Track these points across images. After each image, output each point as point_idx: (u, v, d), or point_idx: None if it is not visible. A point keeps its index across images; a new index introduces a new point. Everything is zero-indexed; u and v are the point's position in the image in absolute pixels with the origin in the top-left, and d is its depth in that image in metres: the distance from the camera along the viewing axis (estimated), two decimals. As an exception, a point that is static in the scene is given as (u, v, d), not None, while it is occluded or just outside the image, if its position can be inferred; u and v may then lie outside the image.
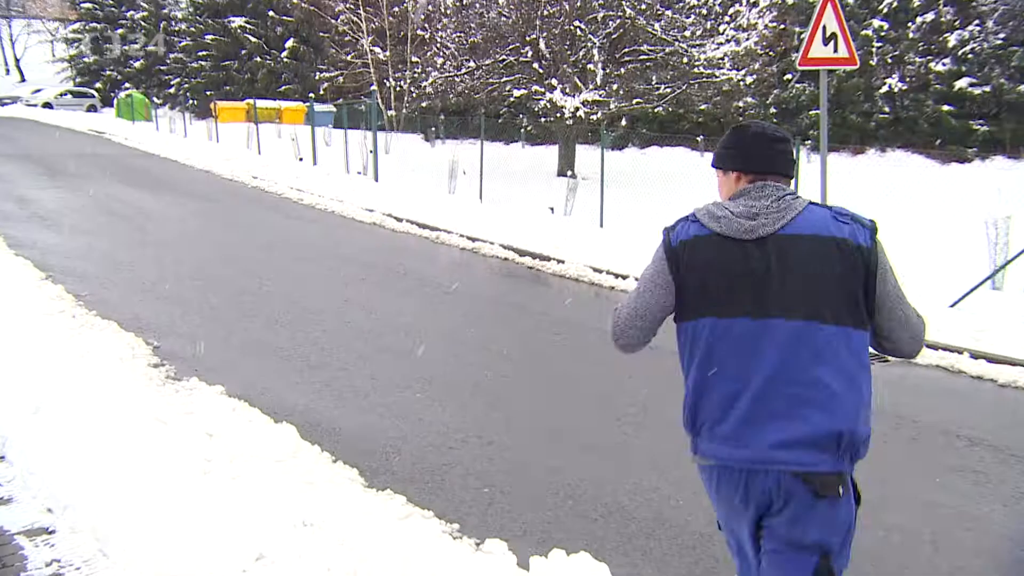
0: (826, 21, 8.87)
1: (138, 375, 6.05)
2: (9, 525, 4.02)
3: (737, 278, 2.45)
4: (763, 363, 2.41)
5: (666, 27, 23.71)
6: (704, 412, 2.52)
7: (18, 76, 69.28)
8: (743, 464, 2.42)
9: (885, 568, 4.00)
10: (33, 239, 11.21)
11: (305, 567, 3.38)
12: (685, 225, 2.58)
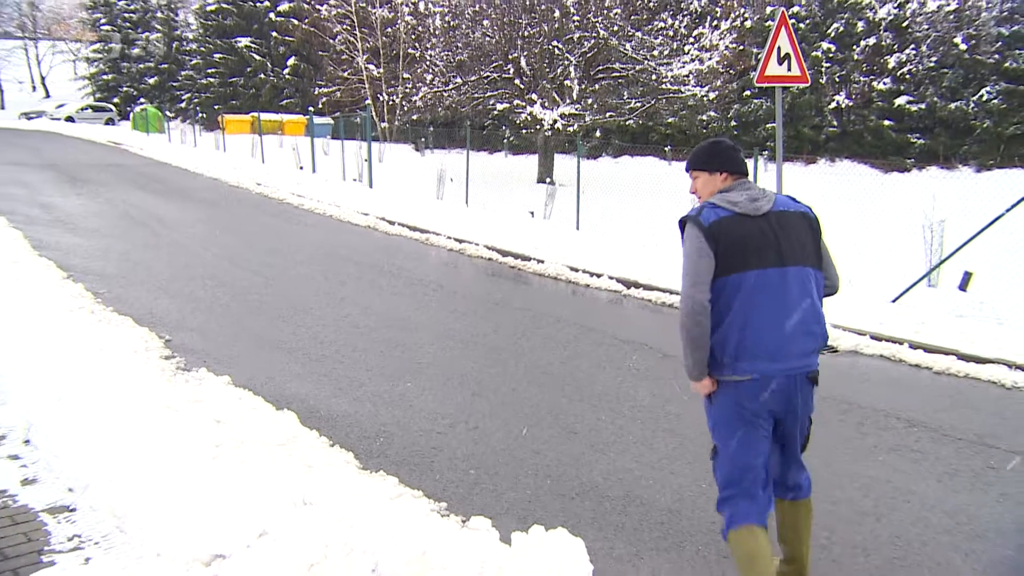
0: (780, 43, 8.91)
1: (151, 366, 6.01)
2: (34, 503, 4.00)
3: (760, 242, 3.16)
4: (787, 297, 3.15)
5: (636, 47, 23.77)
6: (747, 340, 3.12)
7: (43, 92, 68.73)
8: (779, 372, 3.14)
9: (835, 537, 4.03)
10: (56, 241, 11.11)
11: (305, 542, 3.36)
12: (707, 212, 3.21)
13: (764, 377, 3.13)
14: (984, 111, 28.08)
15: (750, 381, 3.14)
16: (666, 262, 10.44)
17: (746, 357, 3.12)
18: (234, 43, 49.78)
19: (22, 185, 17.58)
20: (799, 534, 3.42)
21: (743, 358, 3.13)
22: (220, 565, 3.37)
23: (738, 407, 3.18)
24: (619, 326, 8.34)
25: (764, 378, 3.13)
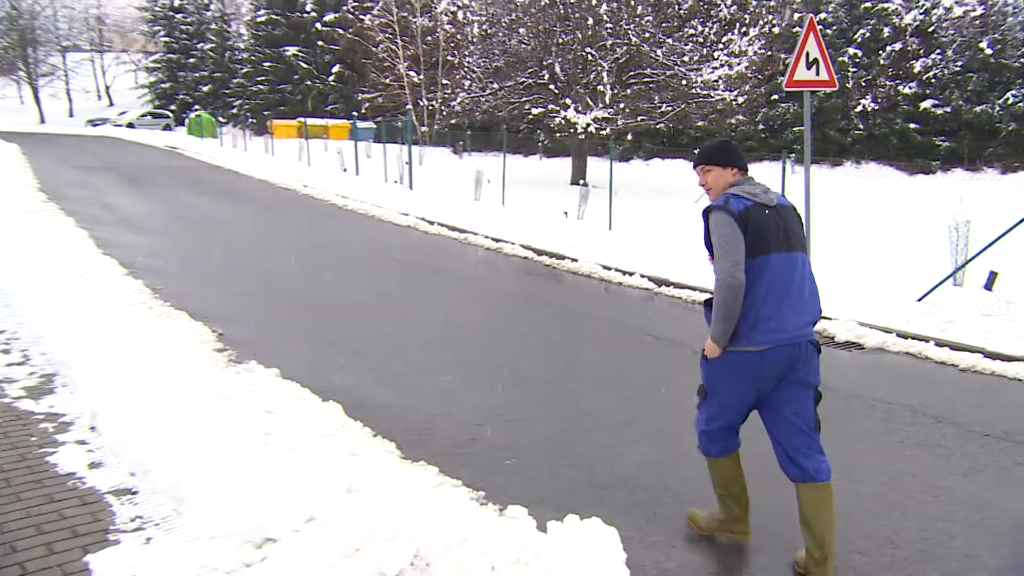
0: (809, 48, 8.79)
1: (205, 358, 6.06)
2: (100, 485, 4.06)
3: (775, 229, 3.46)
4: (794, 278, 3.46)
5: (667, 53, 23.63)
6: (764, 314, 3.40)
7: (107, 101, 70.00)
8: (787, 341, 3.43)
9: (862, 530, 3.97)
10: (117, 240, 11.28)
11: (350, 527, 3.37)
12: (733, 201, 3.48)
13: (776, 346, 3.43)
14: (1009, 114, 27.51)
15: (761, 351, 3.43)
16: (696, 261, 10.36)
17: (762, 329, 3.40)
18: (282, 52, 50.27)
19: (88, 188, 17.89)
20: (822, 517, 3.44)
21: (759, 330, 3.41)
22: (270, 548, 3.39)
23: (745, 371, 3.49)
24: (651, 323, 8.29)
25: (776, 347, 3.43)
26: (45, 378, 5.55)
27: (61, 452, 4.41)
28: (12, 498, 3.90)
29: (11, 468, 4.21)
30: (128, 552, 3.42)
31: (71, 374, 5.39)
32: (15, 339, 6.39)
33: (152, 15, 61.59)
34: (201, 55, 58.59)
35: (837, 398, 6.05)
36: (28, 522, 3.69)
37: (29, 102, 65.00)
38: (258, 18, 52.97)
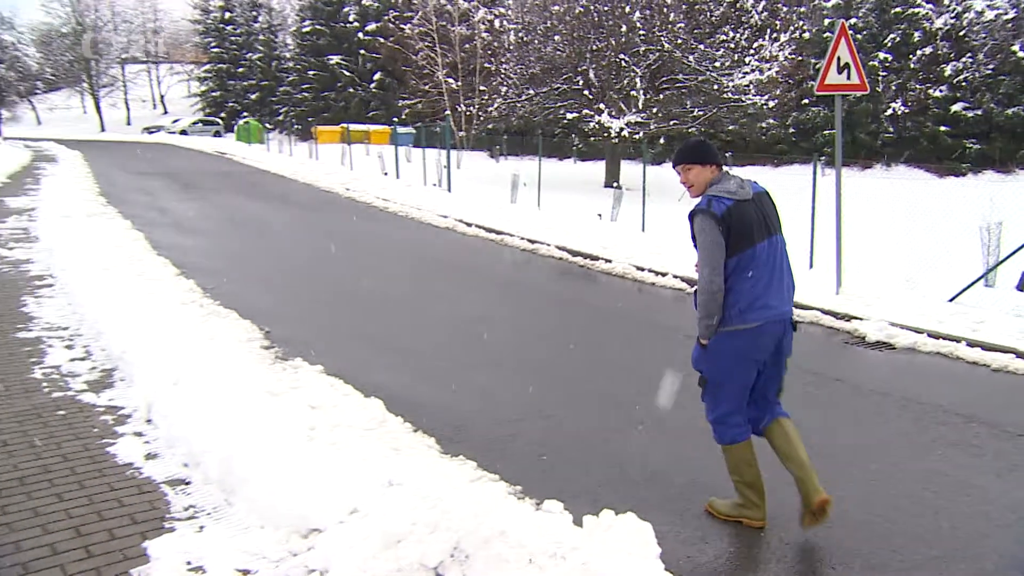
0: (840, 53, 8.66)
1: (253, 355, 6.13)
2: (156, 475, 4.14)
3: (757, 220, 3.66)
4: (776, 262, 3.71)
5: (699, 59, 23.45)
6: (755, 296, 3.63)
7: (162, 109, 71.27)
8: (775, 318, 3.68)
9: (895, 528, 3.90)
10: (171, 242, 11.47)
11: (392, 519, 3.39)
12: (715, 204, 3.63)
13: (766, 323, 3.67)
14: (1041, 116, 26.84)
15: (755, 328, 3.66)
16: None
17: (754, 309, 3.65)
18: (326, 61, 50.72)
19: (143, 192, 18.22)
20: (794, 445, 3.82)
21: (752, 310, 3.65)
22: (316, 538, 3.42)
23: (742, 348, 3.70)
24: (683, 322, 8.20)
25: (766, 323, 3.67)
26: (105, 373, 5.66)
27: (120, 443, 4.50)
28: (76, 486, 3.99)
29: (75, 457, 4.30)
30: (182, 539, 3.48)
31: (129, 369, 5.48)
32: (78, 335, 6.53)
33: (204, 27, 62.51)
34: (249, 65, 59.32)
35: (868, 397, 5.95)
36: (91, 508, 3.77)
37: (91, 111, 66.48)
38: (303, 28, 53.48)
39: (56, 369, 5.72)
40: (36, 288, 8.14)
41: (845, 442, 5.02)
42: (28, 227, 11.97)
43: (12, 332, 6.58)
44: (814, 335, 7.71)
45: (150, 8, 69.87)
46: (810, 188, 10.89)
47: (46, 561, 3.33)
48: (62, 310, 7.29)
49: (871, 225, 12.91)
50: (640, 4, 24.00)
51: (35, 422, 4.76)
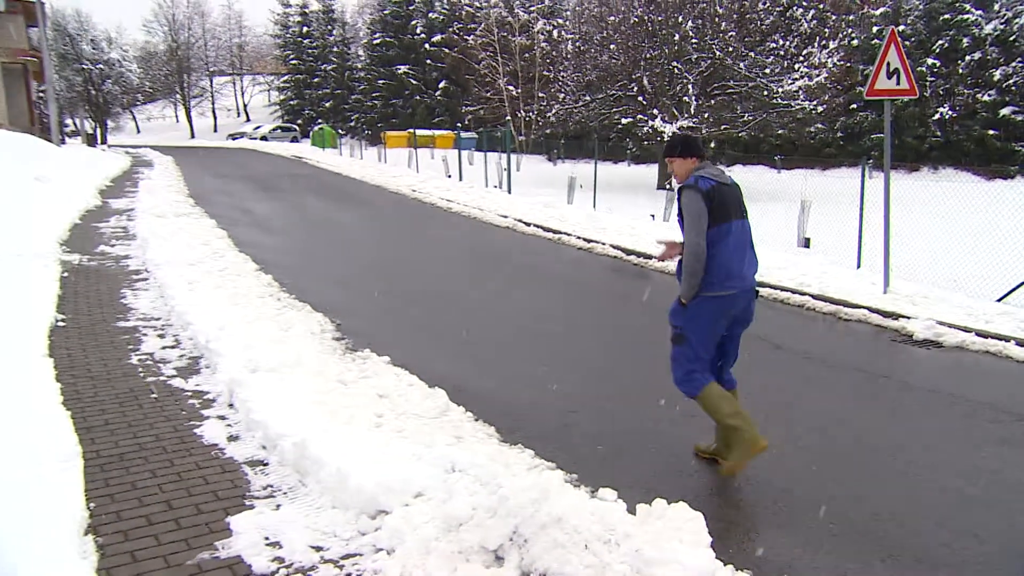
0: (890, 58, 8.37)
1: (326, 346, 6.22)
2: (237, 456, 4.22)
3: (733, 202, 4.12)
4: (747, 239, 4.17)
5: (750, 66, 23.00)
6: (729, 269, 4.04)
7: (245, 117, 72.97)
8: (744, 287, 4.12)
9: (945, 524, 3.75)
10: (251, 239, 11.70)
11: (455, 504, 3.39)
12: (702, 182, 4.07)
13: (739, 291, 4.10)
14: (1092, 119, 25.63)
15: (730, 295, 4.08)
16: (778, 261, 10.02)
17: (731, 277, 4.05)
18: (395, 70, 51.27)
19: (227, 193, 18.65)
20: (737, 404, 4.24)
21: (730, 278, 4.05)
22: (383, 519, 3.44)
23: (716, 313, 4.11)
24: (732, 319, 8.07)
25: (738, 291, 4.10)
26: (192, 360, 5.80)
27: (205, 425, 4.60)
28: (167, 463, 4.09)
29: (166, 438, 4.42)
30: (261, 516, 3.54)
31: (213, 357, 5.60)
32: (168, 325, 6.71)
33: (284, 41, 63.76)
34: (324, 75, 60.28)
35: (916, 394, 5.75)
36: (180, 484, 3.86)
37: (182, 120, 68.53)
38: (374, 41, 54.13)
39: (150, 356, 5.88)
40: (133, 281, 8.39)
41: (893, 438, 4.85)
42: (127, 226, 12.35)
43: (113, 321, 6.79)
44: (861, 333, 7.48)
45: (236, 25, 71.68)
46: (858, 191, 10.57)
47: (142, 531, 3.43)
48: (155, 302, 7.49)
49: (918, 227, 12.48)
50: (693, 14, 23.65)
51: (132, 404, 4.90)
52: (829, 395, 5.71)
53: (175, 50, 65.73)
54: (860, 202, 10.45)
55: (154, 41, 67.51)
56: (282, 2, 63.80)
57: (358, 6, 66.39)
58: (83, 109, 54.44)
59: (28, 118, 33.27)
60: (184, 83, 66.36)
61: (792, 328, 7.65)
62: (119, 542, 3.34)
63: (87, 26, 54.33)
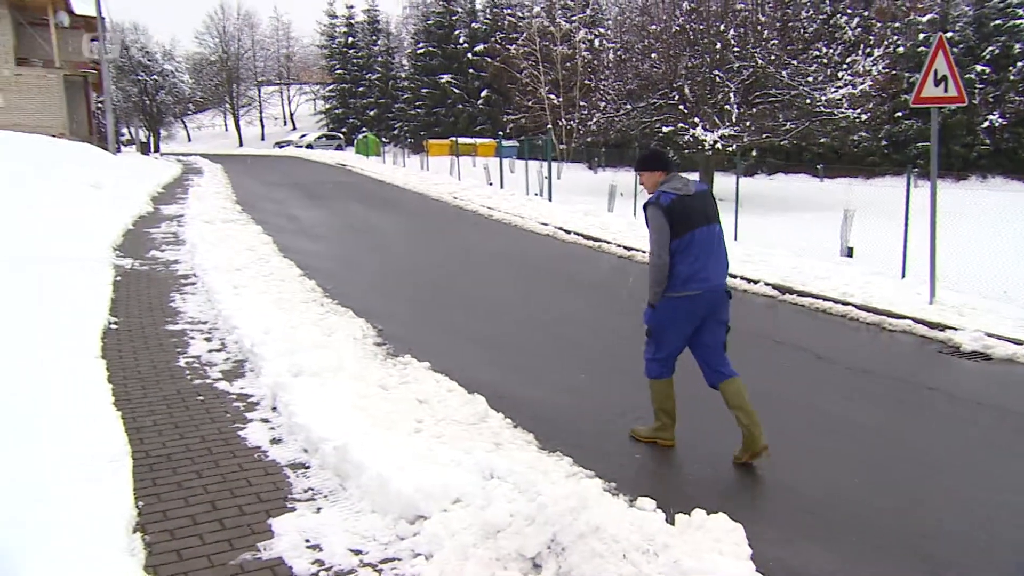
0: (937, 65, 8.19)
1: (367, 351, 6.25)
2: (279, 459, 4.26)
3: (697, 211, 4.40)
4: (713, 244, 4.43)
5: (792, 74, 22.67)
6: (695, 271, 4.35)
7: (291, 126, 74.12)
8: (711, 288, 4.40)
9: (995, 540, 3.63)
10: (296, 245, 11.85)
11: (493, 511, 3.38)
12: (663, 197, 4.40)
13: (703, 292, 4.37)
14: None
15: (694, 295, 4.38)
16: (820, 271, 9.84)
17: (694, 280, 4.36)
18: (438, 79, 51.61)
19: (273, 200, 18.95)
20: (742, 403, 4.40)
21: (693, 281, 4.36)
22: (421, 524, 3.45)
23: (682, 313, 4.43)
24: (774, 329, 7.94)
25: (703, 292, 4.37)
26: (237, 363, 5.89)
27: (249, 428, 4.66)
28: (212, 464, 4.15)
29: (211, 439, 4.49)
30: (302, 519, 3.57)
31: (257, 360, 5.67)
32: (215, 329, 6.82)
33: (330, 51, 64.67)
34: (369, 84, 60.96)
35: (964, 407, 5.59)
36: (224, 486, 3.92)
37: (231, 129, 69.94)
38: (418, 50, 54.62)
39: (197, 359, 5.99)
40: (182, 286, 8.55)
41: (940, 451, 4.72)
42: (177, 231, 12.61)
43: (162, 324, 6.93)
44: (906, 344, 7.30)
45: (284, 36, 72.93)
46: (903, 199, 10.34)
47: (187, 530, 3.48)
48: (202, 306, 7.63)
49: (966, 237, 12.16)
50: (735, 22, 23.43)
51: (179, 406, 4.99)
52: (872, 406, 5.58)
53: (225, 61, 67.16)
54: (905, 211, 10.23)
55: (205, 52, 69.08)
56: (329, 13, 64.78)
57: (402, 17, 67.18)
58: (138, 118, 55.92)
59: (87, 128, 34.28)
60: (233, 93, 67.75)
61: (835, 338, 7.50)
62: (165, 540, 3.40)
63: (144, 39, 55.89)
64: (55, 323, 6.29)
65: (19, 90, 30.49)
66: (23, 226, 9.95)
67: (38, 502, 3.39)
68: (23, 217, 10.49)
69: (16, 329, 5.86)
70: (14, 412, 4.27)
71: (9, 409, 4.31)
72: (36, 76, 30.73)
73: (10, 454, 3.77)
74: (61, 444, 4.01)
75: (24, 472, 3.63)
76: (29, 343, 5.60)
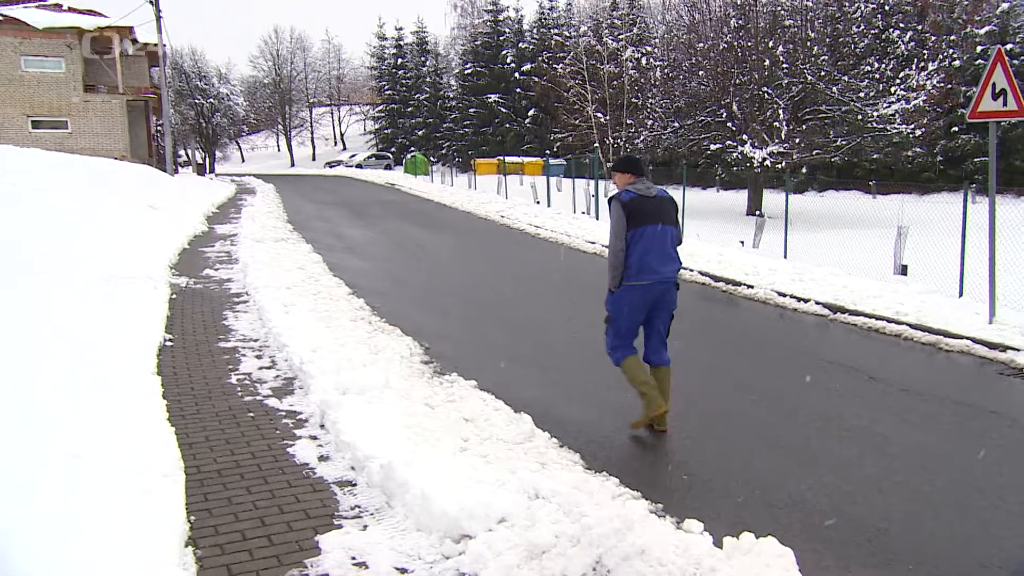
0: (996, 79, 7.98)
1: (414, 369, 6.29)
2: (327, 476, 4.31)
3: (651, 210, 5.06)
4: (664, 241, 5.07)
5: (843, 90, 22.32)
6: (644, 263, 5.00)
7: (342, 146, 75.56)
8: (661, 279, 5.06)
9: None
10: (345, 264, 12.03)
11: (538, 531, 3.36)
12: (624, 195, 5.11)
13: (652, 283, 5.04)
14: None
15: (645, 285, 5.04)
16: (872, 289, 9.61)
17: (645, 271, 5.02)
18: (486, 99, 52.10)
19: (323, 219, 19.29)
20: (664, 387, 5.18)
21: (643, 272, 5.02)
22: (467, 543, 3.45)
23: (635, 299, 5.10)
24: (826, 349, 7.78)
25: (652, 283, 5.04)
26: (287, 381, 5.99)
27: (298, 445, 4.73)
28: (261, 481, 4.22)
29: (261, 456, 4.56)
30: (348, 536, 3.59)
31: (306, 378, 5.76)
32: (265, 346, 6.95)
33: (379, 72, 65.84)
34: (417, 104, 61.82)
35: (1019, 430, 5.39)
36: (273, 502, 3.97)
37: (283, 149, 71.59)
38: (466, 71, 55.25)
39: (248, 376, 6.11)
40: (235, 304, 8.75)
41: (1002, 478, 4.55)
42: (230, 250, 12.91)
43: (215, 342, 7.09)
44: (964, 365, 7.07)
45: (335, 58, 74.52)
46: (959, 216, 10.06)
47: (237, 545, 3.54)
48: (254, 324, 7.78)
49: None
50: (783, 39, 23.19)
51: (230, 422, 5.09)
52: (929, 430, 5.41)
53: (278, 83, 68.90)
54: (962, 228, 9.94)
55: (259, 75, 70.99)
56: (378, 35, 66.00)
57: (450, 38, 68.01)
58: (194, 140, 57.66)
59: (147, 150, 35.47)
60: (286, 114, 69.45)
61: (888, 358, 7.31)
62: (216, 555, 3.46)
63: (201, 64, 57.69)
64: (115, 340, 6.48)
65: (85, 115, 31.79)
66: (86, 245, 10.30)
67: (96, 513, 3.48)
68: (86, 236, 10.87)
69: (79, 345, 6.05)
70: (76, 426, 4.41)
71: (71, 423, 4.44)
72: (101, 102, 32.02)
73: (70, 466, 3.89)
74: (118, 457, 4.12)
75: (83, 483, 3.73)
76: (91, 359, 5.78)
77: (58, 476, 3.76)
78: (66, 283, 8.06)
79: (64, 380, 5.17)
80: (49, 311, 6.90)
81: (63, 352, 5.79)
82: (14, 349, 5.60)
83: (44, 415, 4.50)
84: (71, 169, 16.59)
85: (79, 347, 6.01)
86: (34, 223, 10.64)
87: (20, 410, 4.49)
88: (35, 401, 4.69)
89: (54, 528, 3.27)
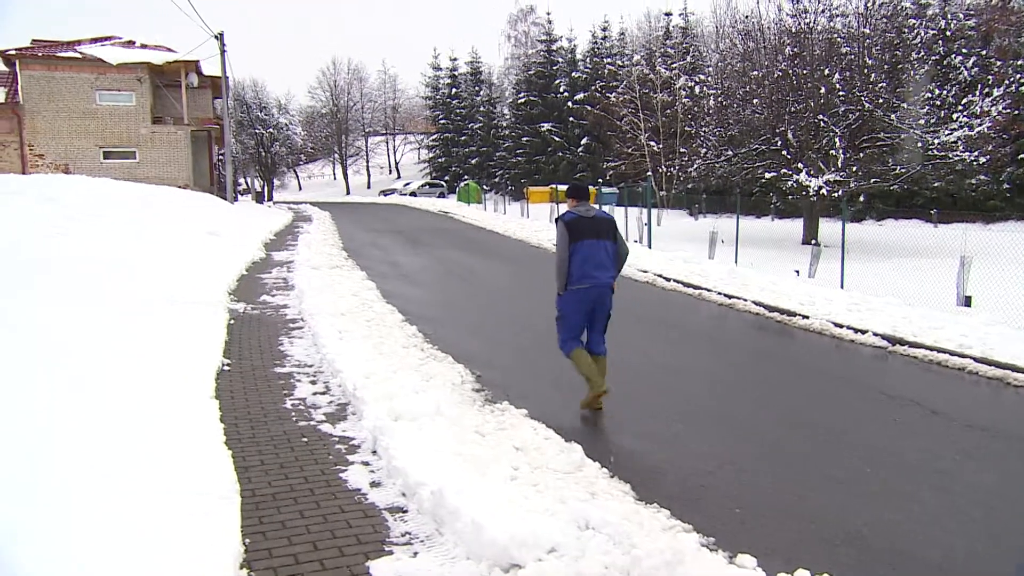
0: (1063, 106, 7.76)
1: (465, 397, 6.34)
2: (378, 502, 4.37)
3: (588, 229, 6.17)
4: (599, 253, 6.16)
5: (902, 117, 21.89)
6: (583, 271, 6.11)
7: (396, 174, 76.84)
8: (596, 284, 6.14)
9: None
10: (398, 291, 12.18)
11: (587, 562, 3.35)
12: (568, 216, 6.21)
13: (590, 287, 6.12)
14: None
15: (583, 288, 6.12)
16: (933, 321, 9.35)
17: (585, 278, 6.11)
18: (538, 128, 52.47)
19: (377, 247, 19.61)
20: (602, 371, 6.25)
21: (584, 278, 6.11)
22: (516, 573, 3.45)
23: (578, 301, 6.18)
24: (884, 381, 7.59)
25: (589, 287, 6.12)
26: (340, 407, 6.09)
27: (350, 470, 4.80)
28: (314, 505, 4.30)
29: (314, 480, 4.65)
30: (399, 563, 3.63)
31: (359, 404, 5.85)
32: (320, 372, 7.09)
33: (434, 102, 66.96)
34: (471, 133, 62.60)
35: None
36: (325, 526, 4.04)
37: (339, 177, 73.19)
38: (519, 100, 55.80)
39: (302, 401, 6.23)
40: (290, 330, 8.94)
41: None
42: (287, 277, 13.22)
43: (271, 367, 7.26)
44: (1035, 402, 6.82)
45: (390, 88, 76.08)
46: None
47: (290, 569, 3.61)
48: (308, 349, 7.94)
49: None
50: (840, 66, 22.89)
51: (285, 446, 5.20)
52: (995, 468, 5.23)
53: (335, 113, 70.61)
54: (1031, 259, 9.64)
55: (317, 105, 72.89)
56: (433, 65, 67.21)
57: (504, 68, 68.90)
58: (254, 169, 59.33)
59: (209, 178, 36.69)
60: (342, 143, 71.06)
61: (951, 393, 7.09)
62: (270, 578, 3.53)
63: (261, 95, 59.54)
64: (175, 364, 6.69)
65: (152, 146, 33.15)
66: (149, 271, 10.67)
67: (156, 533, 3.59)
68: (149, 262, 11.26)
69: (141, 369, 6.26)
70: (138, 450, 4.56)
71: (133, 447, 4.60)
72: (167, 133, 33.34)
73: (132, 488, 4.02)
74: (177, 480, 4.24)
75: (143, 505, 3.86)
76: (153, 382, 5.98)
77: (121, 496, 3.90)
78: (132, 306, 8.35)
79: (128, 403, 5.36)
80: (117, 334, 7.16)
81: (128, 375, 6.00)
82: (83, 372, 5.83)
83: (109, 438, 4.66)
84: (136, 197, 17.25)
85: (142, 371, 6.22)
86: (101, 247, 11.07)
87: (91, 431, 4.67)
88: (101, 424, 4.87)
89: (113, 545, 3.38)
